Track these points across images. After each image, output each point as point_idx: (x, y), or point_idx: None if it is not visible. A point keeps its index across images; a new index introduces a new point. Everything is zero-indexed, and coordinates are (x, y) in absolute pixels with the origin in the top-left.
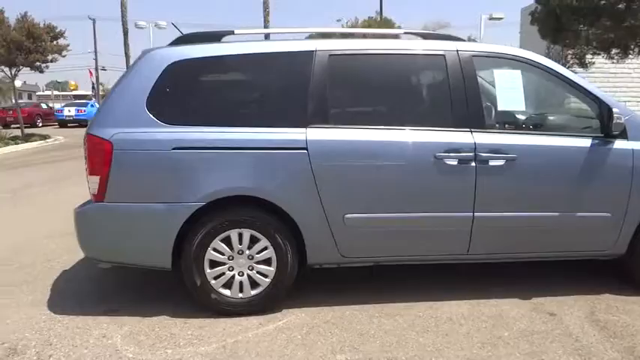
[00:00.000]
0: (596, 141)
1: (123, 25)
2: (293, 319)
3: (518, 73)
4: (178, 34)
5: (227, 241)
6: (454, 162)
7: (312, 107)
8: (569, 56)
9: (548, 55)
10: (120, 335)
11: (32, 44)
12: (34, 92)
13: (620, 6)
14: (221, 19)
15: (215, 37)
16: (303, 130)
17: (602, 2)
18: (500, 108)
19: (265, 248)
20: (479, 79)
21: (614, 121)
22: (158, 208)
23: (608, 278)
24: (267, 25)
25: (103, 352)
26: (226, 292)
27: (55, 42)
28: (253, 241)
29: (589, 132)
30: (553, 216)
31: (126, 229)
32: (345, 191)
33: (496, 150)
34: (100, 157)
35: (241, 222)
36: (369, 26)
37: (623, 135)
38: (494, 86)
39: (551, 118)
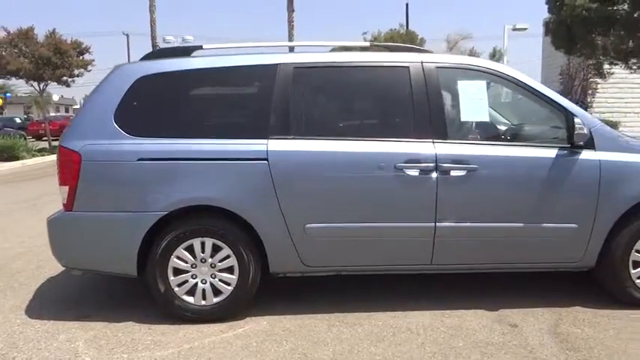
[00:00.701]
0: (562, 151)
1: (152, 40)
2: (254, 326)
3: (483, 84)
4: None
5: (190, 249)
6: (415, 172)
7: (274, 119)
8: (589, 67)
9: (568, 66)
10: (84, 340)
11: (59, 60)
12: (71, 106)
13: (635, 15)
14: (245, 32)
15: (185, 51)
16: (264, 141)
17: (619, 12)
18: (463, 119)
19: (227, 257)
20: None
21: (576, 131)
22: (123, 217)
23: (583, 290)
24: (292, 38)
25: (63, 356)
26: (190, 299)
27: (81, 57)
28: (216, 249)
29: (556, 142)
30: (517, 227)
31: (93, 238)
32: (305, 201)
33: (458, 161)
34: (69, 167)
35: (203, 231)
36: (392, 38)
37: (590, 145)
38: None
39: (517, 128)
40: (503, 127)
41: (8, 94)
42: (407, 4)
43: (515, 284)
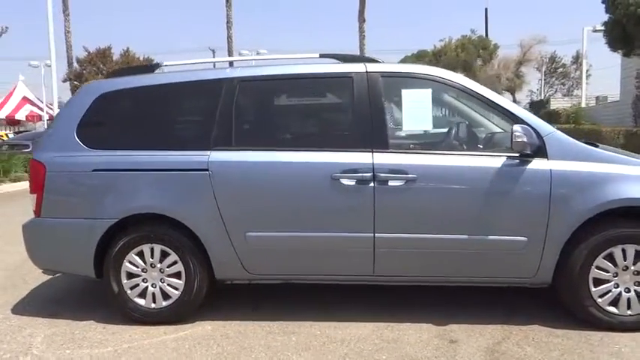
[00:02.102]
0: (509, 160)
1: (229, 54)
2: (197, 330)
3: (427, 92)
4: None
5: (141, 254)
6: (352, 182)
7: (217, 131)
8: None
9: None
10: (43, 335)
11: None
12: None
13: None
14: (318, 44)
15: (147, 69)
16: (207, 152)
17: None
18: (405, 128)
19: (175, 262)
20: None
21: (514, 140)
22: (81, 223)
23: (550, 308)
24: (364, 48)
25: (16, 349)
26: (141, 301)
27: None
28: (164, 255)
29: (506, 151)
30: (461, 239)
31: (58, 242)
32: (245, 210)
33: (396, 170)
34: (37, 177)
35: (152, 237)
36: (463, 45)
37: (542, 154)
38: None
39: (465, 137)
40: (450, 136)
41: None
42: (486, 9)
43: (482, 299)
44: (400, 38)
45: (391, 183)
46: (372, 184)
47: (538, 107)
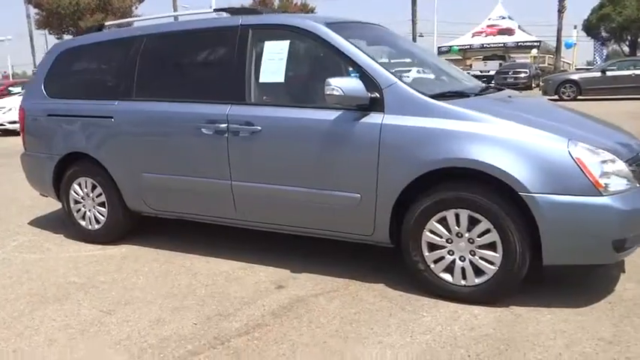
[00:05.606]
0: (346, 114)
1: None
2: (113, 251)
3: (285, 44)
4: None
5: (80, 185)
6: (210, 132)
7: (123, 84)
8: None
9: None
10: (21, 241)
11: None
12: None
13: None
14: None
15: (99, 29)
16: (114, 102)
17: None
18: (261, 80)
19: (101, 194)
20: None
21: (324, 93)
22: (43, 157)
23: None
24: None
25: None
26: (83, 223)
27: None
28: (94, 187)
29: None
30: (299, 191)
31: (35, 171)
32: (139, 153)
33: (245, 122)
34: (21, 119)
35: (85, 172)
36: None
37: (380, 107)
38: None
39: (318, 90)
40: (306, 89)
41: None
42: None
43: (365, 252)
44: None
45: (241, 134)
46: (226, 135)
47: None
